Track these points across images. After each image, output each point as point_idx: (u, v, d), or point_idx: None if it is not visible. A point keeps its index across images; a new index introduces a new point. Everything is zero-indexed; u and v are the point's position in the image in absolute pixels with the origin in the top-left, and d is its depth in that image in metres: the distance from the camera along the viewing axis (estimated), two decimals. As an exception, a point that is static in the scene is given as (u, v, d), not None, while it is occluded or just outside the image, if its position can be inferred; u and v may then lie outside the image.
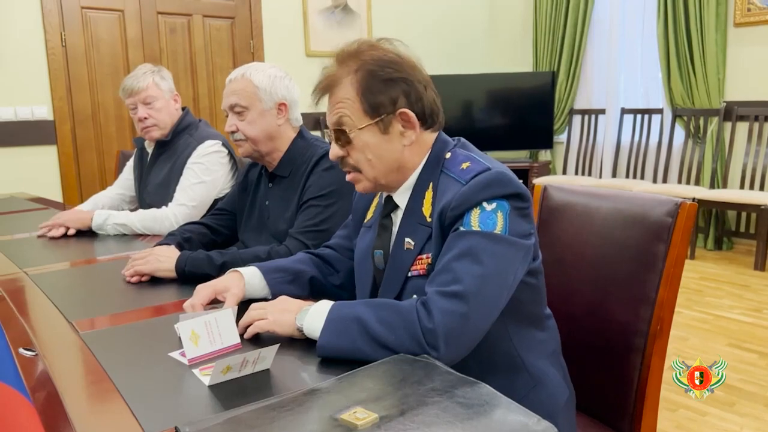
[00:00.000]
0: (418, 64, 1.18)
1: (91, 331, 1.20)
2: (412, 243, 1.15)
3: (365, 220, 1.33)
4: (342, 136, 1.16)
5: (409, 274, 1.15)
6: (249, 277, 1.30)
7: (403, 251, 1.16)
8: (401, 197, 1.20)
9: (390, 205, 1.23)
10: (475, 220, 1.05)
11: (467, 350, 1.02)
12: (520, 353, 1.15)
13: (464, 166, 1.12)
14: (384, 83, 1.13)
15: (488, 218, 1.05)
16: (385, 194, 1.25)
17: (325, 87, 1.18)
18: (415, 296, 1.11)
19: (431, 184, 1.15)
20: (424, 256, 1.13)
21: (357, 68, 1.14)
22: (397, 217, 1.21)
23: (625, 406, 1.26)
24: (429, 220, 1.13)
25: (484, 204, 1.06)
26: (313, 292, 1.36)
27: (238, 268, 1.31)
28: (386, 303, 1.05)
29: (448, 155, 1.17)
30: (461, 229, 1.06)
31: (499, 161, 1.14)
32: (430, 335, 0.98)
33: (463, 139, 1.22)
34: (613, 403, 1.28)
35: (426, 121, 1.17)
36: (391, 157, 1.16)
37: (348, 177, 1.22)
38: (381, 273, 1.21)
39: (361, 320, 1.00)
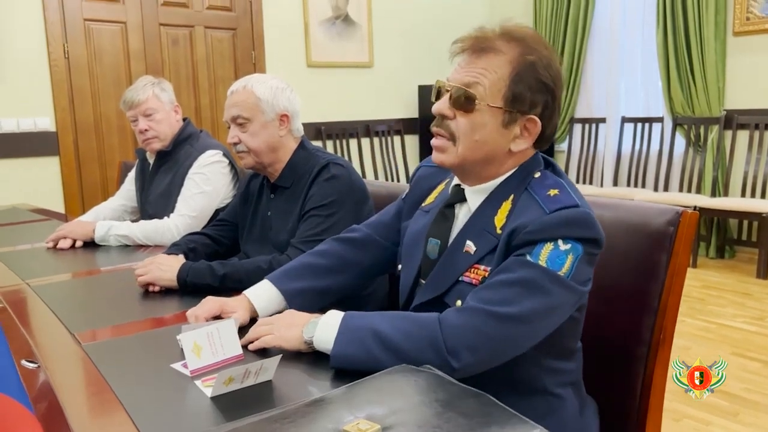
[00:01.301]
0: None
1: (93, 342, 1.20)
2: (474, 248, 1.10)
3: (424, 204, 1.27)
4: (466, 102, 1.08)
5: (460, 278, 1.11)
6: (263, 305, 1.27)
7: (461, 253, 1.12)
8: (474, 196, 1.15)
9: (457, 197, 1.18)
10: (544, 254, 1.02)
11: (485, 368, 1.01)
12: (544, 379, 1.12)
13: (552, 192, 1.07)
14: (538, 84, 1.08)
15: (558, 257, 1.02)
16: (454, 183, 1.20)
17: (478, 47, 1.09)
18: (459, 302, 1.08)
19: (512, 196, 1.11)
20: (482, 267, 1.09)
21: (524, 53, 1.08)
22: (461, 212, 1.17)
23: (629, 415, 1.25)
24: (499, 231, 1.08)
25: (560, 241, 1.02)
26: (339, 302, 1.30)
27: (251, 296, 1.28)
28: (402, 314, 1.04)
29: (538, 174, 1.12)
30: (528, 258, 1.02)
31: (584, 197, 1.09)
32: (452, 339, 0.96)
33: (556, 164, 1.17)
34: (617, 413, 1.28)
35: (541, 141, 1.13)
36: (494, 151, 1.10)
37: (435, 141, 1.13)
38: (429, 263, 1.17)
39: (375, 329, 0.99)
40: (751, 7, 4.40)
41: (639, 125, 5.08)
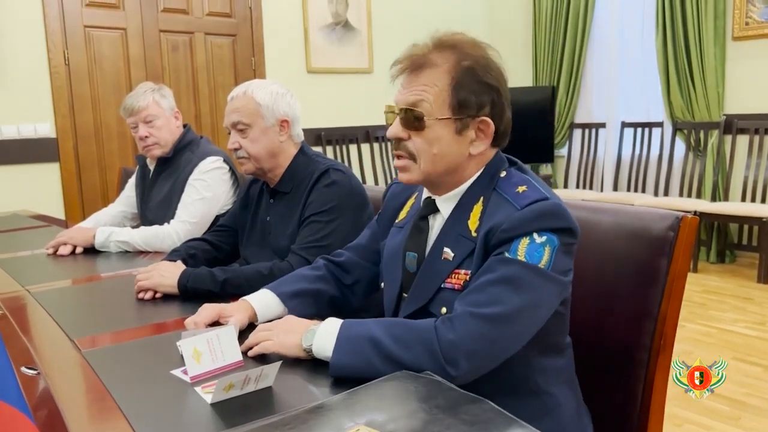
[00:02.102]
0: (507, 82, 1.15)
1: (92, 349, 1.20)
2: (452, 254, 1.12)
3: (397, 220, 1.29)
4: (415, 120, 1.11)
5: (442, 286, 1.12)
6: (263, 309, 1.28)
7: (439, 260, 1.13)
8: (445, 204, 1.17)
9: (429, 208, 1.19)
10: (522, 249, 1.03)
11: (482, 372, 1.01)
12: (536, 378, 1.12)
13: (520, 189, 1.09)
14: (479, 85, 1.10)
15: (535, 251, 1.03)
16: (424, 196, 1.22)
17: (415, 65, 1.12)
18: (444, 309, 1.09)
19: (482, 198, 1.12)
20: (462, 271, 1.10)
21: (459, 60, 1.10)
22: (435, 222, 1.18)
23: (630, 421, 1.25)
24: (474, 234, 1.10)
25: (535, 235, 1.04)
26: (332, 311, 1.33)
27: (250, 299, 1.29)
28: (399, 321, 1.04)
29: (503, 174, 1.14)
30: (506, 255, 1.03)
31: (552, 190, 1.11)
32: (449, 349, 0.97)
33: (520, 162, 1.19)
34: (617, 419, 1.27)
35: (497, 138, 1.15)
36: (454, 159, 1.12)
37: (397, 162, 1.16)
38: (410, 276, 1.18)
39: (374, 338, 0.99)
40: (750, 12, 4.41)
41: (639, 130, 5.09)
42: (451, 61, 1.10)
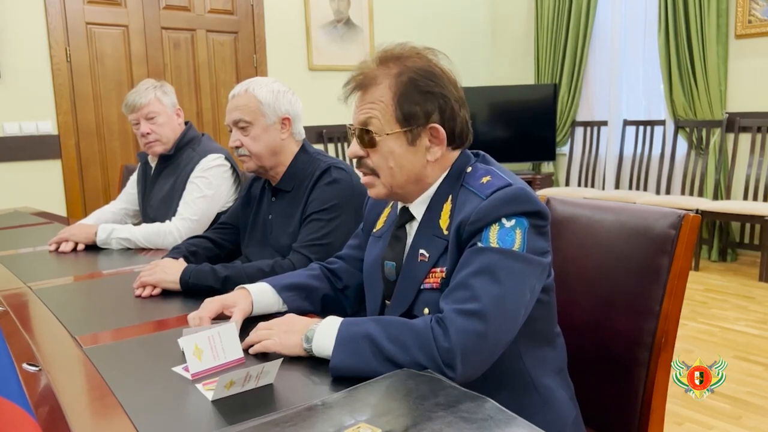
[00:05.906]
0: (458, 82, 1.16)
1: (94, 345, 1.20)
2: (427, 255, 1.13)
3: (375, 230, 1.31)
4: (366, 137, 1.14)
5: (422, 287, 1.13)
6: (258, 294, 1.29)
7: (416, 263, 1.15)
8: (418, 209, 1.18)
9: (405, 216, 1.21)
10: (493, 236, 1.04)
11: (483, 369, 1.01)
12: (529, 371, 1.13)
13: (484, 180, 1.10)
14: (422, 94, 1.11)
15: (507, 235, 1.04)
16: (399, 205, 1.23)
17: (360, 84, 1.15)
18: (426, 310, 1.10)
19: (450, 196, 1.14)
20: (438, 269, 1.11)
21: (399, 72, 1.12)
22: (412, 229, 1.20)
23: (631, 419, 1.25)
24: (446, 232, 1.11)
25: (503, 220, 1.05)
26: (324, 309, 1.35)
27: (246, 285, 1.31)
28: (397, 321, 1.04)
29: (469, 169, 1.15)
30: (479, 245, 1.04)
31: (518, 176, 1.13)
32: (446, 354, 0.97)
33: (483, 153, 1.21)
34: (618, 417, 1.27)
35: (454, 140, 1.16)
36: (413, 169, 1.14)
37: (363, 179, 1.19)
38: (391, 285, 1.20)
39: (373, 340, 0.99)
40: (753, 10, 4.40)
41: (641, 128, 5.08)
42: (391, 75, 1.12)
